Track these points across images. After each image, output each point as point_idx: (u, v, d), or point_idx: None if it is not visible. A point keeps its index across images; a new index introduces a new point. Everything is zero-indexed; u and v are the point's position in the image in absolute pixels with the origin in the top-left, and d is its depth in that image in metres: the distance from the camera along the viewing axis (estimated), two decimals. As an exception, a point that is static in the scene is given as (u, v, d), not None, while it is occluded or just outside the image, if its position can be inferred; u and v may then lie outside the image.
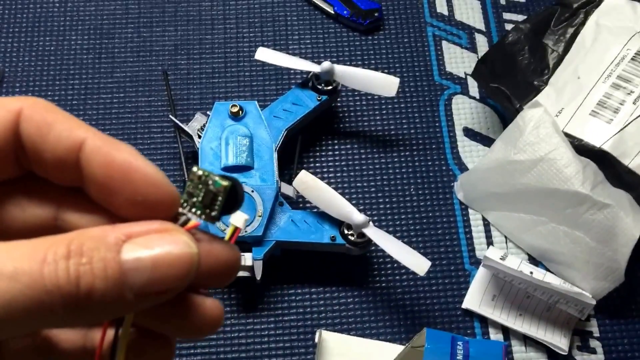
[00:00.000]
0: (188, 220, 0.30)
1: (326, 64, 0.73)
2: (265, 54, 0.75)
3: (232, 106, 0.71)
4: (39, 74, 0.81)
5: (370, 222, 0.68)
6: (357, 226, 0.67)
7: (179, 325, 0.30)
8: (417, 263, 0.66)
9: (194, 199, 0.30)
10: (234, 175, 0.69)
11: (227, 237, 0.31)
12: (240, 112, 0.72)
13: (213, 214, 0.30)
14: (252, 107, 0.72)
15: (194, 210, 0.30)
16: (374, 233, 0.67)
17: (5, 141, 0.29)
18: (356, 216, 0.67)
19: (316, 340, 0.69)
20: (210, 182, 0.30)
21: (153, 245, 0.27)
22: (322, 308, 0.72)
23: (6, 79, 0.81)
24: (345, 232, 0.69)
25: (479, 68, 0.77)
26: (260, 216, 0.68)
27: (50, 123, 0.29)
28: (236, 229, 0.32)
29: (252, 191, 0.68)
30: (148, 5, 0.86)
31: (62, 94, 0.80)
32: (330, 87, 0.75)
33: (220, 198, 0.30)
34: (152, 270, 0.26)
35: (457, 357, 0.61)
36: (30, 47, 0.83)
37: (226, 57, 0.83)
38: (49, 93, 0.80)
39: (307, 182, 0.69)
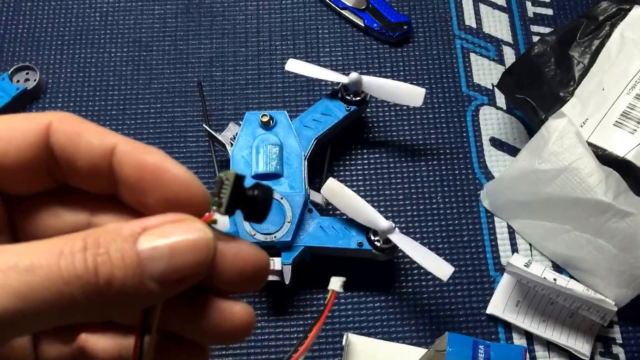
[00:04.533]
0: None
1: (354, 75, 0.75)
2: (295, 65, 0.78)
3: (262, 116, 0.74)
4: (80, 85, 0.85)
5: (396, 228, 0.69)
6: (383, 232, 0.69)
7: (208, 330, 0.31)
8: (441, 268, 0.68)
9: (215, 198, 0.31)
10: (264, 182, 0.71)
11: (326, 301, 0.32)
12: (271, 121, 0.74)
13: (221, 201, 0.30)
14: (282, 117, 0.75)
15: (214, 208, 0.31)
16: (399, 239, 0.69)
17: (36, 152, 0.30)
18: (382, 222, 0.69)
19: (344, 343, 0.71)
20: (223, 176, 0.31)
21: (169, 234, 0.28)
22: (349, 312, 0.74)
23: (49, 90, 0.84)
24: (372, 238, 0.71)
25: (504, 79, 0.79)
26: (289, 222, 0.70)
27: (80, 132, 0.30)
28: (333, 292, 0.33)
29: (282, 198, 0.70)
30: (185, 19, 0.89)
31: (101, 104, 0.83)
32: (358, 98, 0.77)
33: (225, 187, 0.30)
34: (170, 257, 0.27)
35: (478, 360, 0.63)
36: (72, 59, 0.86)
37: (259, 68, 0.86)
38: (90, 103, 0.83)
39: (334, 189, 0.71)
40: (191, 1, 0.90)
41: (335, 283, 0.35)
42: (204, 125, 0.77)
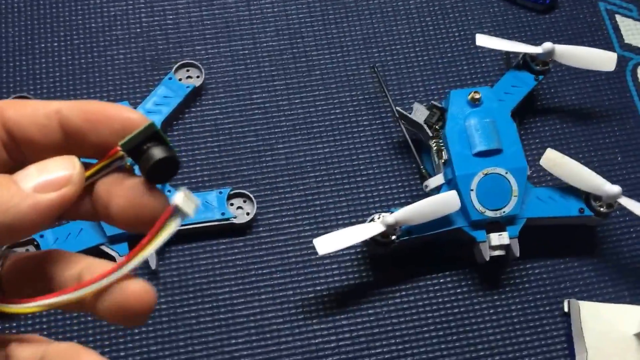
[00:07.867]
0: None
1: (548, 45, 0.76)
2: (484, 40, 0.78)
3: (474, 93, 0.73)
4: (240, 78, 0.82)
5: (621, 192, 0.71)
6: (610, 197, 0.70)
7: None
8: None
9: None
10: (487, 159, 0.71)
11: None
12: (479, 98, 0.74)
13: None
14: (486, 92, 0.75)
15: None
16: (628, 202, 0.70)
17: None
18: (610, 187, 0.70)
19: (566, 309, 0.72)
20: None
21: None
22: (560, 279, 0.75)
23: (209, 83, 0.82)
24: (593, 203, 0.72)
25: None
26: (515, 196, 0.70)
27: (25, 104, 0.33)
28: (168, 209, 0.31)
29: (506, 172, 0.70)
30: (329, 2, 0.87)
31: (265, 96, 0.81)
32: (546, 67, 0.78)
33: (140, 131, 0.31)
34: (39, 172, 0.31)
35: None
36: (226, 52, 0.84)
37: (415, 47, 0.85)
38: (255, 95, 0.81)
39: (554, 159, 0.72)
40: (331, -17, 0.89)
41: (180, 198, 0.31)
42: (396, 107, 0.76)
